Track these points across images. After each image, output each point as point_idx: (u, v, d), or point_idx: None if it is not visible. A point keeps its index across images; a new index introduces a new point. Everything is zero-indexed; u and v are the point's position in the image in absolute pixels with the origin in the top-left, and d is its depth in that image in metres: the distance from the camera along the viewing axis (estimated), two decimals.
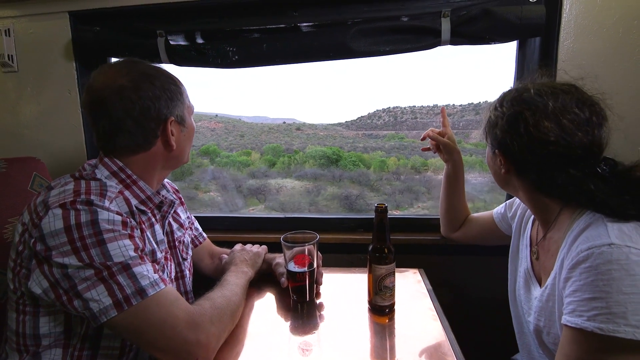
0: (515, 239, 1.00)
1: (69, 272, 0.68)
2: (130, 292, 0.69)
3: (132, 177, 0.84)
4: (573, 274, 0.67)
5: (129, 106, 0.79)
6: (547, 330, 0.78)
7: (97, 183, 0.78)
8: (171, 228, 0.97)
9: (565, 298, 0.68)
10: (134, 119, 0.80)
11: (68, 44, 1.36)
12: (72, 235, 0.68)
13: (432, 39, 1.19)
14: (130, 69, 0.83)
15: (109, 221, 0.71)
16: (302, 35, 1.26)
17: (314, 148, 2.22)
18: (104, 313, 0.68)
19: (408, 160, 2.15)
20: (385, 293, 0.92)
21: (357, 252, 1.37)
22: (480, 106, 2.09)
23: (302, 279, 0.98)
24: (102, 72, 0.82)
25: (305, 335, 0.87)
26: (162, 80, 0.84)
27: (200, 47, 1.29)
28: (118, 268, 0.69)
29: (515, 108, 0.77)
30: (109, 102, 0.79)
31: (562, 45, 1.16)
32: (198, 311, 0.76)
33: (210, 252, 1.22)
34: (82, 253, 0.68)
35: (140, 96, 0.80)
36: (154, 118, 0.82)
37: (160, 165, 0.89)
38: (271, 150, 2.20)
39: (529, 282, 0.88)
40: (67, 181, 0.79)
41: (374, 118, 2.33)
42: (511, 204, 1.08)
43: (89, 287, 0.68)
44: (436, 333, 0.85)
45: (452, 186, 1.22)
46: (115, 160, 0.83)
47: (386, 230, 0.91)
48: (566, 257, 0.71)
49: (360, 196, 2.03)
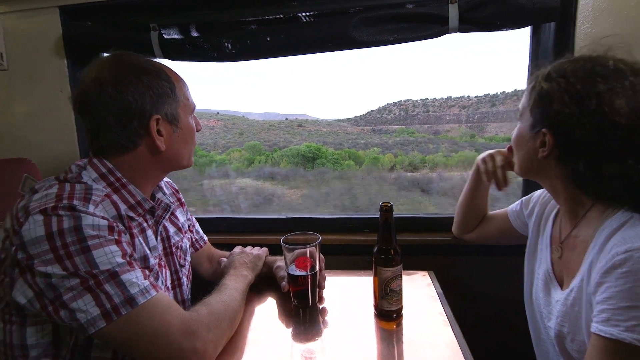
0: (533, 238, 0.98)
1: (53, 282, 0.67)
2: (119, 302, 0.68)
3: (121, 180, 0.82)
4: (607, 278, 0.64)
5: (107, 102, 0.78)
6: (571, 337, 0.76)
7: (82, 186, 0.77)
8: (167, 233, 0.96)
9: (597, 305, 0.65)
10: (115, 116, 0.78)
11: (59, 40, 1.36)
12: (54, 242, 0.67)
13: (439, 27, 1.17)
14: (116, 62, 0.81)
15: (94, 226, 0.70)
16: (301, 25, 1.24)
17: (291, 147, 2.22)
18: (92, 324, 0.67)
19: (406, 157, 2.14)
20: (392, 297, 0.90)
21: (361, 254, 1.36)
22: (497, 97, 2.06)
23: (303, 282, 0.97)
24: (90, 66, 0.81)
25: (307, 343, 0.85)
26: (151, 75, 0.82)
27: (195, 40, 1.29)
28: (105, 276, 0.68)
29: (588, 81, 0.69)
30: (90, 97, 0.78)
31: (579, 31, 1.13)
32: (194, 318, 0.75)
33: (209, 255, 1.21)
34: (66, 261, 0.67)
35: (120, 91, 0.78)
36: (136, 115, 0.80)
37: (151, 167, 0.86)
38: (251, 149, 2.19)
39: (549, 284, 0.86)
40: (51, 184, 0.77)
41: (384, 112, 2.32)
42: (527, 201, 1.05)
43: (75, 296, 0.67)
44: (447, 339, 0.83)
45: (480, 187, 1.15)
46: (105, 161, 0.82)
47: (392, 230, 0.89)
48: (597, 258, 0.69)
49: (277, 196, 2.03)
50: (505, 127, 2.17)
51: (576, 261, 0.77)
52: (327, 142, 2.30)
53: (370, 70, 1.89)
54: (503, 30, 1.17)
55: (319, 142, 2.28)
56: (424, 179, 2.05)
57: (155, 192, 0.96)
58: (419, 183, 2.03)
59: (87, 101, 0.79)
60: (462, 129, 2.21)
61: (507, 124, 2.15)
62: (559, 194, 0.81)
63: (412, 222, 1.41)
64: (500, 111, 2.10)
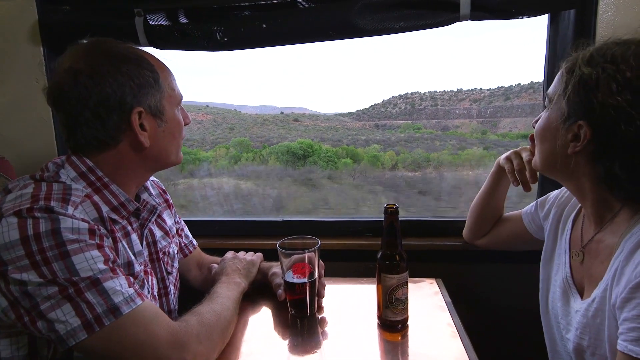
0: (550, 243, 0.99)
1: (28, 290, 0.66)
2: (102, 311, 0.68)
3: (102, 180, 0.82)
4: (637, 294, 0.64)
5: (83, 94, 0.77)
6: (591, 350, 0.76)
7: (60, 186, 0.76)
8: (153, 238, 0.96)
9: (624, 321, 0.65)
10: (92, 110, 0.78)
11: (34, 26, 1.36)
12: (30, 247, 0.66)
13: (449, 14, 1.18)
14: (92, 50, 0.80)
15: (73, 230, 0.69)
16: (299, 12, 1.25)
17: (281, 143, 2.22)
18: (72, 335, 0.67)
19: (409, 154, 2.14)
20: (397, 306, 0.91)
21: (364, 260, 1.36)
22: (511, 90, 2.06)
23: (301, 291, 0.98)
24: (64, 55, 0.81)
25: (305, 355, 0.86)
26: (131, 64, 0.81)
27: (183, 27, 1.29)
28: (86, 284, 0.68)
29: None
30: (64, 89, 0.78)
31: (601, 19, 1.14)
32: (183, 328, 0.75)
33: (199, 261, 1.22)
34: (43, 268, 0.66)
35: (96, 82, 0.77)
36: (116, 109, 0.79)
37: (135, 166, 0.86)
38: (238, 145, 2.19)
39: (568, 293, 0.86)
40: (26, 183, 0.76)
41: (388, 106, 2.32)
42: (543, 202, 1.06)
43: (53, 306, 0.66)
44: (456, 352, 0.84)
45: (497, 188, 1.15)
46: (85, 159, 0.82)
47: (397, 234, 0.90)
48: (623, 268, 0.69)
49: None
50: (520, 122, 2.17)
51: (599, 269, 0.77)
52: (324, 139, 2.30)
53: (375, 60, 1.89)
54: (518, 18, 1.17)
55: (316, 139, 2.29)
56: (422, 179, 2.07)
57: (140, 193, 0.96)
58: (417, 184, 2.06)
59: (62, 94, 0.78)
60: (473, 125, 2.21)
61: (523, 119, 2.15)
62: (586, 195, 0.80)
63: (419, 226, 1.42)
64: (515, 105, 2.10)
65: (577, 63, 0.74)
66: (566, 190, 1.00)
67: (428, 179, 2.08)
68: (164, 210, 1.07)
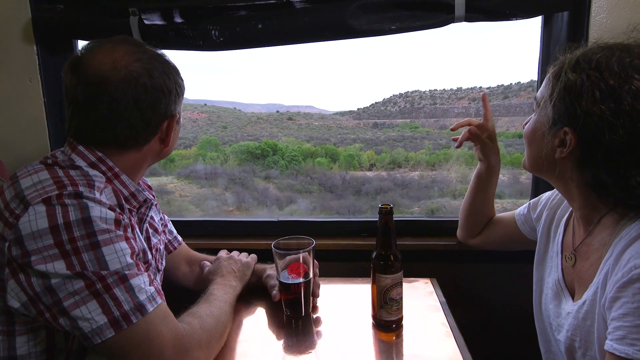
0: (542, 244, 0.99)
1: (52, 284, 0.64)
2: (129, 309, 0.67)
3: (113, 170, 0.81)
4: (624, 293, 0.64)
5: (140, 96, 0.78)
6: (582, 351, 0.77)
7: (78, 172, 0.75)
8: (147, 234, 0.96)
9: (611, 321, 0.66)
10: (142, 111, 0.79)
11: (27, 24, 1.35)
12: (60, 237, 0.64)
13: (444, 15, 1.18)
14: (141, 52, 0.81)
15: (102, 219, 0.68)
16: (295, 12, 1.25)
17: (241, 143, 2.24)
18: (98, 333, 0.65)
19: (386, 154, 2.16)
20: (391, 306, 0.91)
21: (359, 260, 1.37)
22: (510, 88, 2.07)
23: (296, 291, 0.98)
24: (103, 52, 0.78)
25: (300, 355, 0.86)
26: (175, 72, 0.85)
27: (179, 27, 1.29)
28: (114, 279, 0.66)
29: (624, 76, 0.66)
30: (116, 87, 0.76)
31: (593, 21, 1.15)
32: (187, 332, 0.75)
33: (188, 258, 1.20)
34: (73, 257, 0.64)
35: (154, 87, 0.79)
36: (162, 113, 0.82)
37: (148, 161, 0.89)
38: (207, 144, 2.19)
39: (560, 294, 0.87)
40: (37, 168, 0.73)
41: (388, 104, 2.33)
42: (535, 204, 1.07)
43: (78, 302, 0.65)
44: (450, 352, 0.85)
45: (482, 189, 1.18)
46: (94, 150, 0.80)
47: (392, 234, 0.91)
48: (612, 270, 0.69)
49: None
50: (518, 121, 2.18)
51: (590, 271, 0.78)
52: (312, 137, 2.31)
53: (378, 58, 1.90)
54: (512, 19, 1.18)
55: (306, 137, 2.30)
56: (376, 178, 2.10)
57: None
58: (369, 183, 2.10)
59: (110, 91, 0.76)
60: None
61: (520, 119, 2.16)
62: (574, 198, 0.81)
63: (414, 226, 1.43)
64: (513, 104, 2.11)
65: (563, 68, 0.74)
66: (558, 192, 1.01)
67: (389, 179, 2.11)
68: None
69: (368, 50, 1.88)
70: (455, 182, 1.98)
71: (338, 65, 1.96)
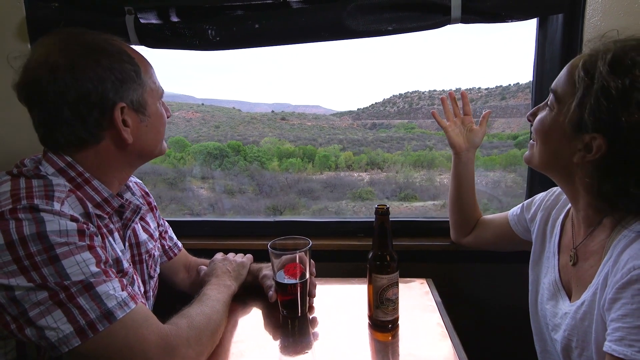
0: (538, 245, 1.00)
1: (16, 296, 0.64)
2: (95, 317, 0.66)
3: (83, 175, 0.78)
4: (623, 294, 0.64)
5: (63, 90, 0.73)
6: (579, 351, 0.78)
7: (41, 181, 0.73)
8: (137, 239, 0.94)
9: (610, 322, 0.66)
10: (71, 107, 0.74)
11: (22, 23, 1.34)
12: (16, 252, 0.64)
13: (440, 17, 1.19)
14: (70, 41, 0.76)
15: (61, 232, 0.67)
16: (291, 12, 1.25)
17: (202, 142, 2.25)
18: (65, 343, 0.65)
19: (365, 155, 2.18)
20: (387, 306, 0.92)
21: (355, 260, 1.37)
22: (509, 89, 2.08)
23: (293, 291, 0.98)
24: (39, 45, 0.76)
25: (297, 356, 0.87)
26: (112, 57, 0.77)
27: (175, 26, 1.28)
28: (78, 288, 0.66)
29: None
30: (41, 84, 0.73)
31: (588, 24, 1.16)
32: (173, 332, 0.75)
33: (186, 264, 1.20)
34: (32, 273, 0.64)
35: (76, 77, 0.73)
36: (97, 105, 0.76)
37: (117, 162, 0.84)
38: (175, 144, 2.18)
39: (557, 295, 0.87)
40: (2, 180, 0.73)
41: (387, 105, 2.34)
42: (529, 204, 1.08)
43: (43, 312, 0.64)
44: (446, 352, 0.85)
45: (462, 184, 1.21)
46: (63, 155, 0.78)
47: (388, 235, 0.91)
48: (612, 271, 0.69)
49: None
50: (514, 123, 2.19)
51: (589, 272, 0.78)
52: (299, 138, 2.33)
53: (380, 59, 1.91)
54: (508, 21, 1.19)
55: (294, 138, 2.32)
56: (331, 179, 2.14)
57: (122, 192, 0.93)
58: (319, 185, 2.14)
59: (38, 90, 0.74)
60: None
61: (516, 120, 2.17)
62: (578, 200, 0.81)
63: (410, 227, 1.43)
64: (510, 105, 2.12)
65: (597, 65, 0.67)
66: (552, 193, 1.02)
67: (346, 180, 2.15)
68: (147, 212, 1.05)
69: (372, 50, 1.90)
70: (392, 184, 2.07)
71: (345, 66, 1.99)
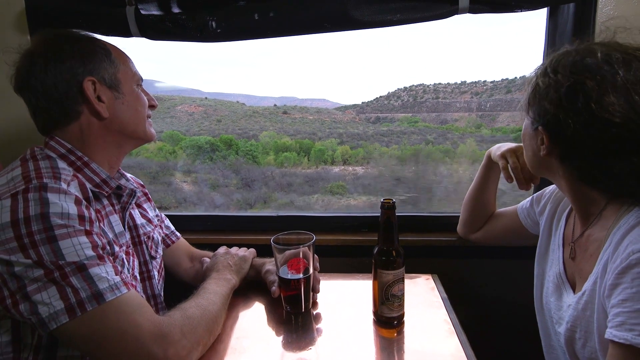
0: (544, 238, 1.00)
1: (16, 271, 0.68)
2: (85, 296, 0.69)
3: (82, 159, 0.86)
4: (622, 280, 0.65)
5: (40, 73, 0.83)
6: (582, 342, 0.78)
7: (47, 162, 0.80)
8: (134, 222, 0.98)
9: (611, 308, 0.67)
10: (49, 86, 0.83)
11: (21, 14, 1.33)
12: (19, 230, 0.69)
13: (447, 6, 1.17)
14: (49, 35, 0.87)
15: (63, 215, 0.71)
16: (294, 3, 1.23)
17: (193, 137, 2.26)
18: (54, 318, 0.68)
19: (361, 149, 2.17)
20: (393, 303, 0.91)
21: (360, 256, 1.37)
22: (514, 83, 2.06)
23: (296, 286, 0.97)
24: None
25: (300, 352, 0.86)
26: (82, 42, 0.87)
27: (176, 17, 1.27)
28: (71, 268, 0.69)
29: (574, 76, 0.71)
30: (22, 72, 0.85)
31: (600, 13, 1.14)
32: (166, 321, 0.75)
33: (189, 254, 1.22)
34: (30, 251, 0.68)
35: (49, 59, 0.83)
36: (69, 80, 0.84)
37: (103, 140, 0.90)
38: (169, 138, 2.20)
39: (561, 287, 0.87)
40: (15, 166, 0.80)
41: (392, 98, 2.32)
42: (539, 197, 1.07)
43: (39, 288, 0.68)
44: (452, 349, 0.84)
45: (488, 185, 1.19)
46: (61, 141, 0.86)
47: (394, 229, 0.90)
48: (611, 259, 0.70)
49: None
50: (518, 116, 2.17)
51: (589, 263, 0.79)
52: (300, 131, 2.33)
53: (386, 52, 1.89)
54: (517, 11, 1.17)
55: (295, 131, 2.31)
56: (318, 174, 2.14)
57: (117, 179, 0.97)
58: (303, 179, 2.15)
59: (21, 77, 0.85)
60: (472, 118, 2.22)
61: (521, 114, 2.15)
62: (569, 193, 0.83)
63: (416, 221, 1.42)
64: (515, 98, 2.10)
65: (537, 75, 0.80)
66: None
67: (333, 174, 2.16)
68: (144, 202, 1.11)
69: (377, 43, 1.88)
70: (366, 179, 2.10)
71: (350, 58, 1.98)
